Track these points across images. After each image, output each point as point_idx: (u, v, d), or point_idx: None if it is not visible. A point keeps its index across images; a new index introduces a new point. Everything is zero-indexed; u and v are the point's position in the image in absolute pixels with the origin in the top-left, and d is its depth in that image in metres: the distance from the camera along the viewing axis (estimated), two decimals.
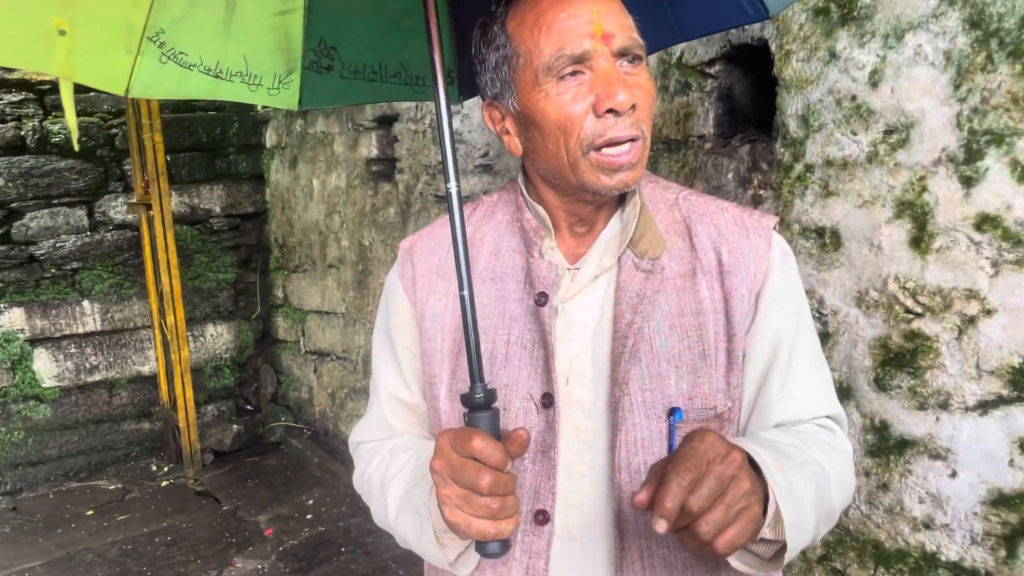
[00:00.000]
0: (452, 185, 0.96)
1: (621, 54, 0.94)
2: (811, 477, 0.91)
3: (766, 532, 0.84)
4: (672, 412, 0.98)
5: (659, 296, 1.00)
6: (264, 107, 5.22)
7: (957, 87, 1.65)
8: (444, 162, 0.97)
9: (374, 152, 4.15)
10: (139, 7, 1.18)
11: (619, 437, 0.98)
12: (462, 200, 0.97)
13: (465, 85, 1.46)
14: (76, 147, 3.35)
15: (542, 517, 1.01)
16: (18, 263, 4.64)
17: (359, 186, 4.31)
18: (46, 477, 4.79)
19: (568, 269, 1.05)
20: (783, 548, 0.87)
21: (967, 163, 1.64)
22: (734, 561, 0.89)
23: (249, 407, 5.43)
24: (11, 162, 4.57)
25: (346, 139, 4.37)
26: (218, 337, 5.29)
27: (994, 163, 1.60)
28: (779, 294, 1.02)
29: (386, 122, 4.05)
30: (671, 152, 2.36)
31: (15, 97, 4.59)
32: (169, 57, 1.23)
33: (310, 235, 4.89)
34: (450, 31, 1.40)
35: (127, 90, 1.23)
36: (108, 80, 1.23)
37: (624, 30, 0.95)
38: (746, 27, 2.12)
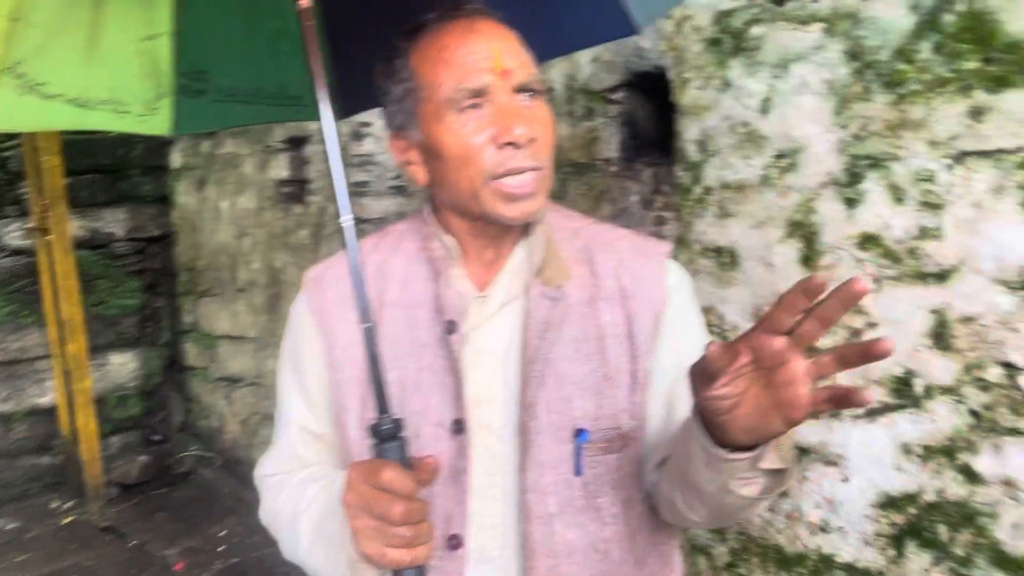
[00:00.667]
0: (345, 218, 0.97)
1: (520, 89, 0.99)
2: None
3: (771, 455, 0.80)
4: (577, 433, 1.01)
5: (564, 323, 1.04)
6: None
7: (839, 114, 1.76)
8: (337, 195, 0.98)
9: (285, 173, 4.10)
10: None
11: (528, 459, 1.01)
12: (355, 233, 0.97)
13: (344, 101, 1.46)
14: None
15: (455, 542, 1.02)
16: None
17: (270, 208, 4.25)
18: None
19: (476, 297, 1.07)
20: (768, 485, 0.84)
21: (849, 186, 1.75)
22: (744, 487, 0.84)
23: (157, 437, 5.25)
24: None
25: (256, 160, 4.31)
26: (123, 366, 5.11)
27: (873, 185, 1.72)
28: (680, 315, 1.08)
29: (297, 143, 4.01)
30: (579, 175, 2.43)
31: None
32: (28, 88, 1.18)
33: (219, 258, 4.78)
34: (327, 51, 1.41)
35: None
36: None
37: (523, 67, 0.99)
38: (645, 56, 2.20)
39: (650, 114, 2.39)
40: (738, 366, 0.72)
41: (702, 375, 0.73)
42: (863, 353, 0.66)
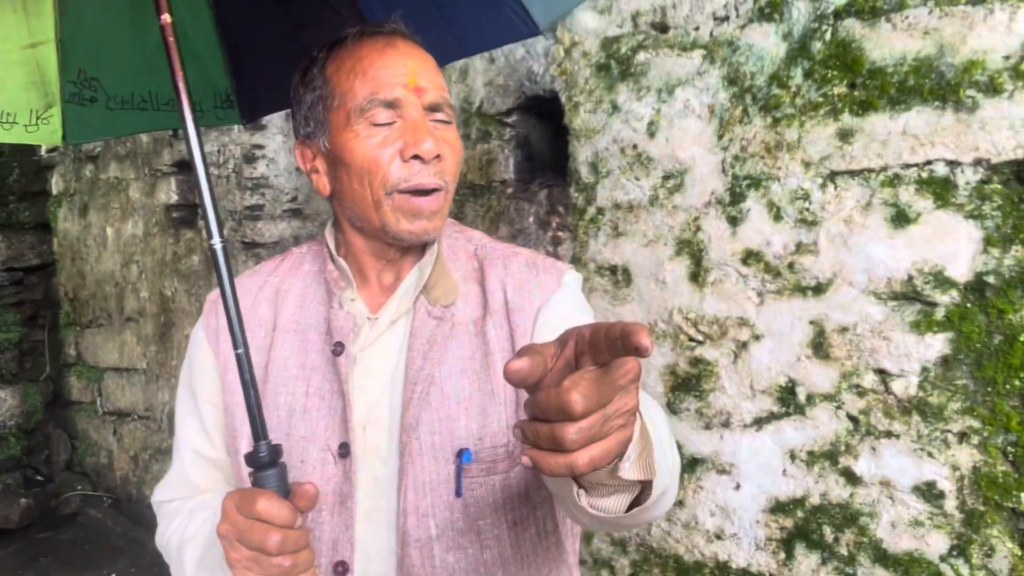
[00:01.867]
0: (216, 241, 0.94)
1: (431, 108, 1.00)
2: (657, 410, 0.84)
3: (627, 466, 0.70)
4: (460, 454, 0.99)
5: (451, 342, 1.03)
6: (50, 150, 4.86)
7: (720, 137, 1.85)
8: (206, 220, 0.95)
9: (174, 198, 3.97)
10: None
11: (405, 481, 0.99)
12: (228, 256, 0.95)
13: (247, 108, 1.44)
14: None
15: (341, 568, 1.00)
16: None
17: (159, 234, 4.10)
18: None
19: (368, 318, 1.06)
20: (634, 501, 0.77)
21: (732, 204, 1.83)
22: (584, 499, 0.75)
23: (40, 477, 4.95)
24: None
25: (142, 184, 4.16)
26: (2, 403, 4.81)
27: (754, 204, 1.80)
28: (556, 311, 1.03)
29: (186, 167, 3.89)
30: (476, 197, 2.45)
31: None
32: None
33: (105, 287, 4.57)
34: (223, 56, 1.39)
35: None
36: None
37: (436, 88, 1.01)
38: (537, 80, 2.25)
39: (543, 136, 2.44)
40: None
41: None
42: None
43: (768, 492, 1.84)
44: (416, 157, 0.97)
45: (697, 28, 1.89)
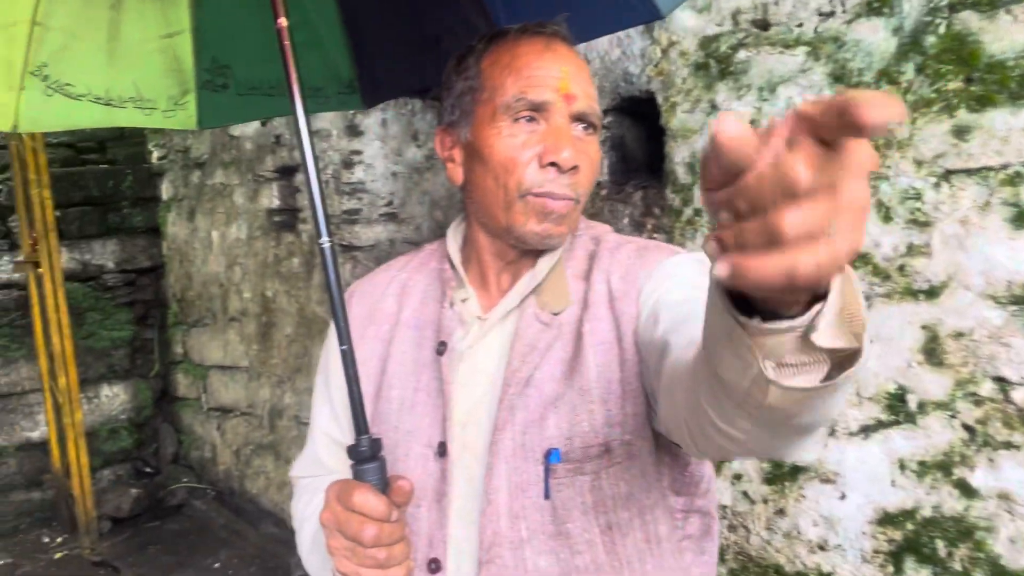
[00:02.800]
0: (325, 241, 0.96)
1: (578, 118, 0.99)
2: None
3: (825, 323, 0.50)
4: (548, 454, 0.97)
5: (553, 345, 1.01)
6: (160, 158, 5.11)
7: None
8: (315, 219, 0.97)
9: (276, 203, 4.11)
10: (15, 44, 1.18)
11: (497, 482, 0.98)
12: (336, 256, 0.98)
13: (368, 94, 1.47)
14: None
15: (435, 565, 1.01)
16: None
17: (261, 237, 4.26)
18: None
19: (478, 318, 1.06)
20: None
21: None
22: (794, 377, 0.53)
23: (149, 470, 5.21)
24: None
25: (246, 190, 4.32)
26: (114, 398, 5.08)
27: None
28: (664, 277, 0.96)
29: (287, 172, 4.03)
30: None
31: None
32: (55, 89, 1.23)
33: (210, 288, 4.78)
34: (346, 42, 1.43)
35: (15, 126, 1.22)
36: None
37: (586, 97, 0.99)
38: (633, 80, 2.24)
39: (638, 138, 2.42)
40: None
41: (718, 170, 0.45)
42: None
43: (875, 503, 1.78)
44: (553, 164, 0.96)
45: (800, 24, 1.84)
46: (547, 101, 0.97)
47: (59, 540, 4.58)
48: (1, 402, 4.68)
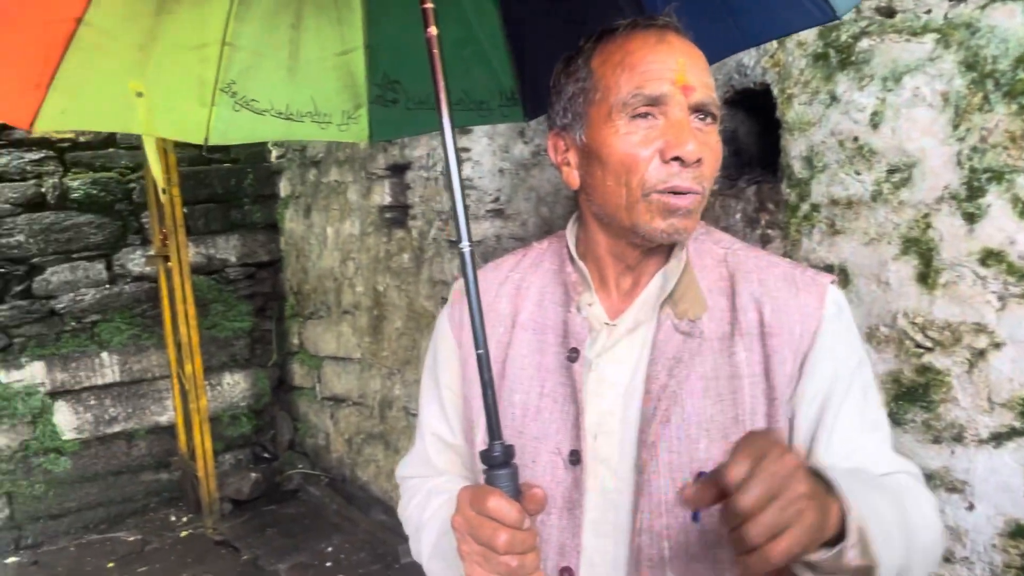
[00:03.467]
0: (465, 245, 0.96)
1: (696, 109, 0.95)
2: (889, 499, 0.85)
3: (852, 554, 0.77)
4: (699, 477, 0.95)
5: (696, 359, 0.98)
6: (278, 156, 5.32)
7: (956, 127, 1.70)
8: (456, 223, 0.98)
9: (387, 199, 4.22)
10: (208, 63, 1.27)
11: (642, 499, 0.96)
12: (475, 260, 0.97)
13: (529, 106, 1.48)
14: (163, 196, 3.51)
15: (567, 574, 1.01)
16: (39, 317, 4.72)
17: (373, 233, 4.38)
18: (66, 530, 4.81)
19: (606, 324, 1.04)
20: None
21: (969, 200, 1.69)
22: None
23: (266, 455, 5.45)
24: (32, 218, 4.68)
25: (359, 187, 4.45)
26: (235, 385, 5.33)
27: (995, 199, 1.65)
28: (828, 354, 0.97)
29: (398, 170, 4.13)
30: None
31: (35, 155, 4.71)
32: (242, 105, 1.32)
33: (325, 282, 4.95)
34: (509, 56, 1.45)
35: (206, 138, 1.31)
36: (187, 131, 1.32)
37: (704, 87, 0.96)
38: (747, 72, 2.18)
39: (752, 131, 2.36)
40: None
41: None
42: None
43: (1007, 515, 1.68)
44: (676, 159, 0.93)
45: (929, 11, 1.75)
46: (664, 94, 0.94)
47: (184, 519, 4.85)
48: (133, 387, 4.99)
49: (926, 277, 1.78)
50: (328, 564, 4.05)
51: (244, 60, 1.29)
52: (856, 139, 1.90)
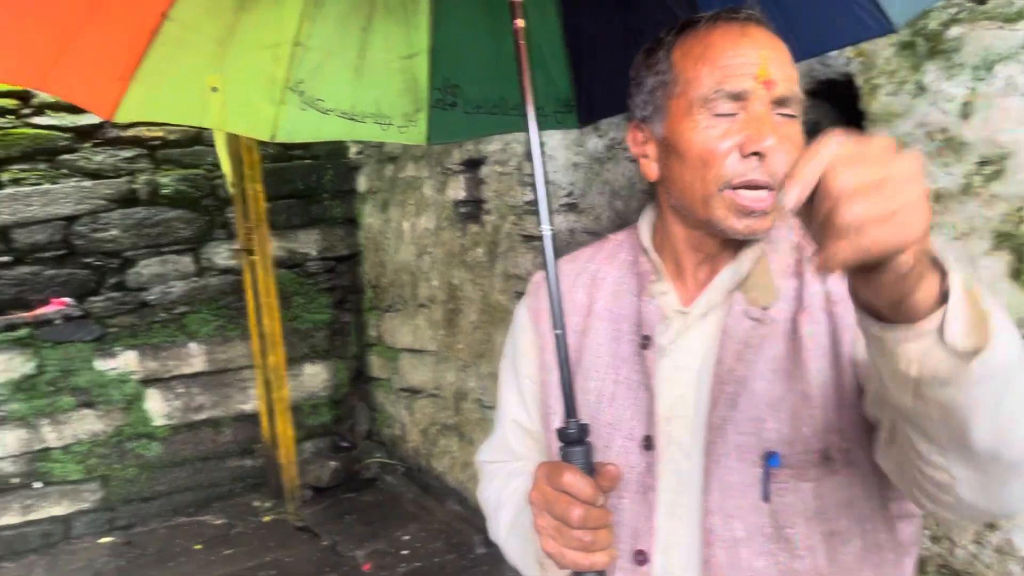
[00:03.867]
0: (546, 228, 0.99)
1: (779, 103, 0.95)
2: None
3: (955, 328, 0.63)
4: (768, 457, 0.96)
5: (764, 343, 0.99)
6: (357, 153, 5.43)
7: None
8: (538, 207, 1.01)
9: (462, 194, 4.27)
10: (280, 62, 1.32)
11: (712, 481, 0.98)
12: (553, 243, 1.00)
13: (584, 112, 1.50)
14: (231, 190, 3.62)
15: (641, 557, 1.02)
16: (132, 308, 4.94)
17: (448, 227, 4.44)
18: (157, 512, 5.03)
19: (678, 311, 1.05)
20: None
21: None
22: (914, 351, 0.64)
23: (345, 444, 5.58)
24: (125, 214, 4.89)
25: (435, 182, 4.51)
26: (315, 376, 5.48)
27: None
28: None
29: (473, 165, 4.17)
30: None
31: (128, 153, 4.92)
32: (308, 104, 1.36)
33: (401, 276, 5.04)
34: (567, 63, 1.46)
35: (273, 135, 1.36)
36: (256, 128, 1.37)
37: (787, 81, 0.95)
38: (830, 63, 2.13)
39: (834, 123, 2.30)
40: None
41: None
42: None
43: None
44: (756, 154, 0.92)
45: None
46: (746, 90, 0.93)
47: (267, 505, 5.01)
48: (219, 377, 5.18)
49: (1020, 273, 1.71)
50: (405, 552, 4.13)
51: (314, 60, 1.33)
52: (945, 130, 1.83)
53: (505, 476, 1.19)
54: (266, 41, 1.30)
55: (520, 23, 1.06)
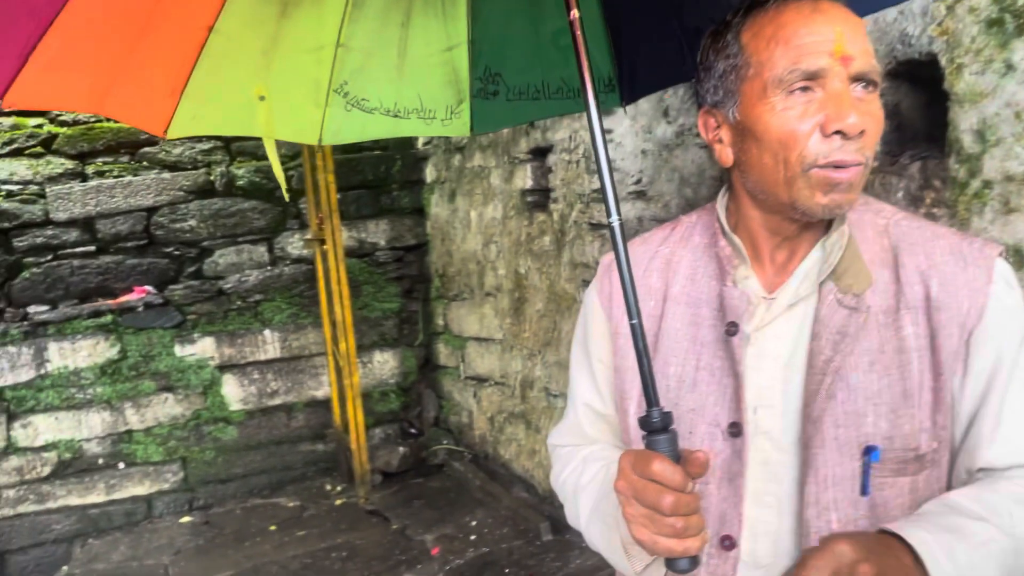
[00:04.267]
0: (614, 219, 0.98)
1: (857, 78, 0.93)
2: (995, 557, 0.87)
3: None
4: (867, 451, 0.95)
5: (861, 333, 0.97)
6: (425, 143, 5.49)
7: None
8: (604, 198, 0.99)
9: (529, 183, 4.28)
10: (323, 65, 1.33)
11: (809, 473, 0.97)
12: (625, 234, 0.99)
13: (627, 90, 1.50)
14: (286, 197, 3.72)
15: (728, 543, 1.02)
16: (209, 296, 5.10)
17: (514, 216, 4.45)
18: (233, 494, 5.19)
19: (763, 298, 1.04)
20: None
21: None
22: None
23: (413, 430, 5.67)
24: (203, 204, 5.05)
25: (502, 171, 4.53)
26: (384, 363, 5.57)
27: None
28: (997, 331, 0.96)
29: (540, 153, 4.17)
30: None
31: (205, 146, 5.08)
32: (353, 105, 1.37)
33: (468, 265, 5.08)
34: (607, 40, 1.46)
35: (320, 139, 1.37)
36: (303, 133, 1.38)
37: (864, 55, 0.93)
38: (911, 42, 2.07)
39: (915, 104, 2.23)
40: None
41: None
42: None
43: None
44: (838, 132, 0.91)
45: None
46: (823, 68, 0.91)
47: (339, 488, 5.13)
48: (292, 363, 5.31)
49: None
50: (472, 537, 4.18)
51: (356, 61, 1.34)
52: None
53: (581, 461, 1.18)
54: (309, 45, 1.31)
55: (575, 14, 1.05)
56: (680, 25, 1.36)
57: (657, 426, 0.91)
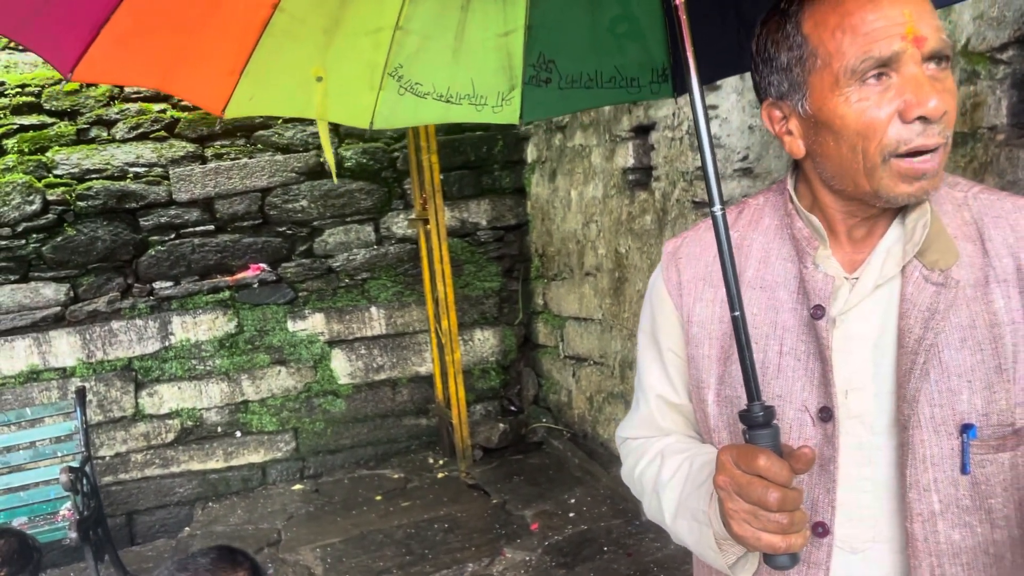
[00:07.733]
0: (717, 209, 0.96)
1: (930, 58, 0.90)
2: None
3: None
4: (964, 429, 0.93)
5: (951, 309, 0.95)
6: (526, 124, 5.52)
7: None
8: (708, 186, 0.97)
9: (631, 161, 4.24)
10: (380, 48, 1.32)
11: (907, 455, 0.95)
12: (727, 224, 0.96)
13: (679, 81, 1.47)
14: (335, 180, 3.76)
15: (821, 529, 1.01)
16: (319, 274, 5.30)
17: (615, 195, 4.43)
18: (341, 464, 5.41)
19: (846, 279, 1.02)
20: None
21: None
22: None
23: (513, 408, 5.74)
24: (313, 185, 5.24)
25: (603, 150, 4.51)
26: (485, 341, 5.66)
27: None
28: None
29: (643, 131, 4.13)
30: (956, 146, 2.22)
31: (315, 128, 5.25)
32: (406, 89, 1.36)
33: (568, 244, 5.09)
34: (664, 30, 1.43)
35: (371, 123, 1.37)
36: (355, 116, 1.37)
37: (935, 32, 0.90)
38: None
39: None
40: None
41: None
42: None
43: None
44: (920, 118, 0.88)
45: None
46: (896, 52, 0.88)
47: (441, 462, 5.26)
48: (397, 340, 5.47)
49: None
50: (571, 515, 4.22)
51: (413, 44, 1.32)
52: None
53: (658, 454, 1.16)
54: (368, 27, 1.29)
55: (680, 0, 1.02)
56: (737, 15, 1.32)
57: (760, 420, 0.90)
